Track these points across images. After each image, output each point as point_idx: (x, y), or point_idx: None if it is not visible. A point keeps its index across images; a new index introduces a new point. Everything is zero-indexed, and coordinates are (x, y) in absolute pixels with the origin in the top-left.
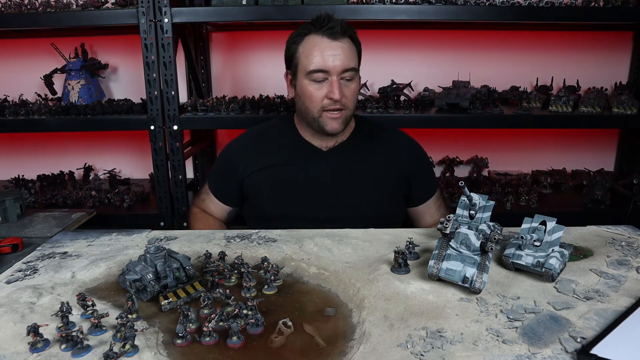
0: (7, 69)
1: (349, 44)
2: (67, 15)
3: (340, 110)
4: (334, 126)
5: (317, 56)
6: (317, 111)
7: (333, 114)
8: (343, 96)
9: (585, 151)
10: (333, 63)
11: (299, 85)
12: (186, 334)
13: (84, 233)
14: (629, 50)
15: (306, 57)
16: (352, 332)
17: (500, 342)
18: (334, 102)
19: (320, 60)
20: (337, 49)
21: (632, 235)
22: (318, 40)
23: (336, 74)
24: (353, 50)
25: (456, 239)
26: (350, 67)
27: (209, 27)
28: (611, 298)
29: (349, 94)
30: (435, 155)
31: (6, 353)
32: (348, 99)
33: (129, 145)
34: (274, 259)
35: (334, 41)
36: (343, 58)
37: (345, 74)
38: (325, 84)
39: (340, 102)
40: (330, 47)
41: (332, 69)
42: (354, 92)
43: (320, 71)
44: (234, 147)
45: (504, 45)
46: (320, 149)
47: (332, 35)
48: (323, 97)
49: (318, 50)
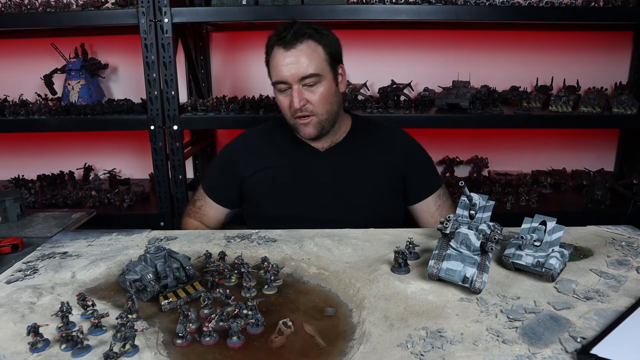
0: (7, 69)
1: (307, 49)
2: (67, 15)
3: (308, 116)
4: (306, 131)
5: (276, 67)
6: (290, 118)
7: (302, 120)
8: (307, 103)
9: (585, 151)
10: (289, 72)
11: (274, 94)
12: (186, 334)
13: (84, 233)
14: (629, 50)
15: (272, 69)
16: (352, 332)
17: (500, 342)
18: (298, 110)
19: (278, 71)
20: (292, 57)
21: (632, 235)
22: (277, 51)
23: (295, 82)
24: (314, 54)
25: (456, 239)
26: (309, 73)
27: (209, 27)
28: (611, 298)
29: (314, 99)
30: (435, 155)
31: (6, 353)
32: (314, 104)
33: (129, 145)
34: (274, 259)
35: (288, 51)
36: (298, 66)
37: (305, 81)
38: (289, 92)
39: (305, 109)
40: (284, 57)
41: (290, 79)
42: (321, 97)
43: (281, 82)
44: (233, 147)
45: (504, 45)
46: (318, 150)
47: (285, 45)
48: (289, 106)
49: (277, 61)
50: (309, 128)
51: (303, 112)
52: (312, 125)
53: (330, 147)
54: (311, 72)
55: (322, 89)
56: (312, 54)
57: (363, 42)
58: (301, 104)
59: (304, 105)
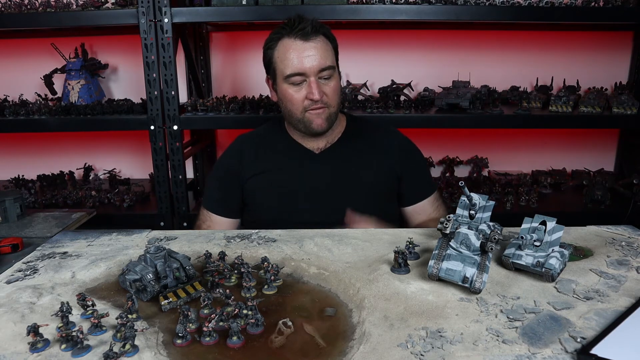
0: (7, 69)
1: (323, 42)
2: (67, 15)
3: (322, 107)
4: (318, 122)
5: (292, 59)
6: (300, 112)
7: (317, 110)
8: (323, 95)
9: (585, 151)
10: (309, 64)
11: (280, 90)
12: (186, 334)
13: (84, 233)
14: (629, 50)
15: (282, 61)
16: (352, 332)
17: (500, 342)
18: (315, 102)
19: (296, 63)
20: (311, 49)
21: (632, 235)
22: (291, 43)
23: (313, 74)
24: (328, 47)
25: (456, 239)
26: (327, 65)
27: (209, 27)
28: (611, 298)
29: (329, 92)
30: (435, 155)
31: (6, 353)
32: (329, 96)
33: (129, 145)
34: (274, 259)
35: (307, 42)
36: (318, 58)
37: (322, 73)
38: (304, 85)
39: (322, 101)
40: (304, 48)
41: (309, 70)
42: (334, 90)
43: (298, 74)
44: (229, 155)
45: (504, 45)
46: (313, 151)
47: (304, 37)
48: (303, 99)
49: (293, 53)
50: (320, 118)
51: (319, 105)
52: (325, 117)
53: (325, 148)
54: (329, 64)
55: (334, 83)
56: (328, 48)
57: (363, 42)
58: (321, 95)
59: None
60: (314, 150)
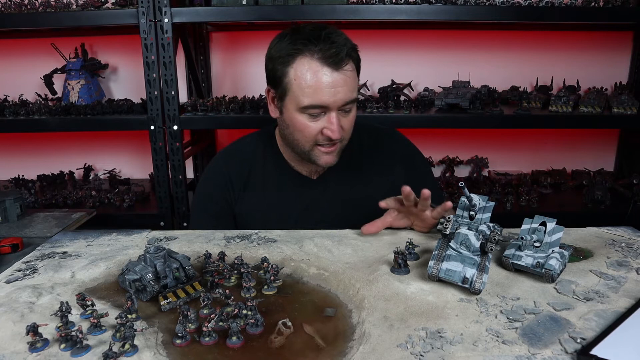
0: (7, 69)
1: (352, 69)
2: (67, 15)
3: (336, 144)
4: (327, 159)
5: (316, 89)
6: (309, 145)
7: (328, 148)
8: (342, 131)
9: (585, 151)
10: (334, 98)
11: (289, 115)
12: (186, 334)
13: (83, 233)
14: (629, 50)
15: (299, 86)
16: (352, 332)
17: (500, 343)
18: (334, 139)
19: (320, 95)
20: (341, 81)
21: (632, 236)
22: (317, 68)
23: (336, 109)
24: (355, 75)
25: (456, 240)
26: (352, 99)
27: (209, 27)
28: (611, 299)
29: (347, 126)
30: (435, 155)
31: (5, 353)
32: (345, 130)
33: (129, 145)
34: (274, 259)
35: (338, 71)
36: (346, 91)
37: (345, 106)
38: (322, 117)
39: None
40: (333, 79)
41: (333, 105)
42: (351, 122)
43: (319, 107)
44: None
45: (504, 45)
46: (310, 178)
47: (336, 65)
48: (318, 133)
49: (316, 81)
50: (331, 156)
51: (334, 141)
52: (336, 152)
53: (322, 173)
54: (355, 97)
55: (353, 113)
56: (355, 75)
57: (363, 42)
58: (341, 133)
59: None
60: (311, 177)
